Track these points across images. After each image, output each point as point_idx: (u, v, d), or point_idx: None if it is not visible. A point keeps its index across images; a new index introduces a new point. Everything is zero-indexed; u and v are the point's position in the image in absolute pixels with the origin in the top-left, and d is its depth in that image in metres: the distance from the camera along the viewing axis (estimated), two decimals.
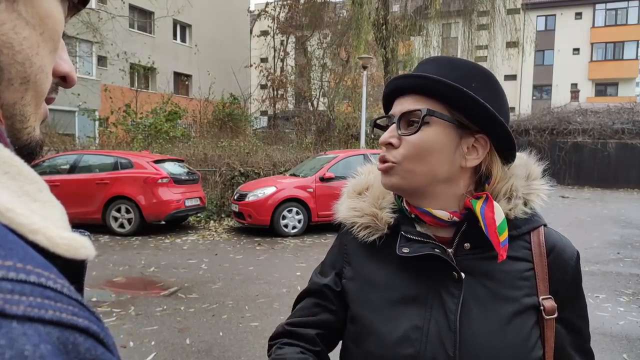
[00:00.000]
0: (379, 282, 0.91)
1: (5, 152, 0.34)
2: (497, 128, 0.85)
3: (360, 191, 1.00)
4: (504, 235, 0.84)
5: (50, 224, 0.32)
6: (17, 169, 0.34)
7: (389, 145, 0.88)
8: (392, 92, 0.92)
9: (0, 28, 0.37)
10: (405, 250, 0.87)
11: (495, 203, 0.86)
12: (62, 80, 0.48)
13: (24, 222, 0.31)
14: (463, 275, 0.85)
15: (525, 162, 0.95)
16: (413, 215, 0.91)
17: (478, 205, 0.85)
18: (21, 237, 0.30)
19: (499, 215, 0.84)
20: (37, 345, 0.25)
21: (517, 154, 0.94)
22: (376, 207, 0.95)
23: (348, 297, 0.94)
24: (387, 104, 0.95)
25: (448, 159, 0.86)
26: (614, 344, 4.09)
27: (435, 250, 0.86)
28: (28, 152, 0.42)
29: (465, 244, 0.88)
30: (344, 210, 0.99)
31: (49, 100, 0.46)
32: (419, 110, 0.85)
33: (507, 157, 0.90)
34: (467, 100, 0.83)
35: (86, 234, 0.38)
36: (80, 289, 0.36)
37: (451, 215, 0.88)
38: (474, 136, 0.86)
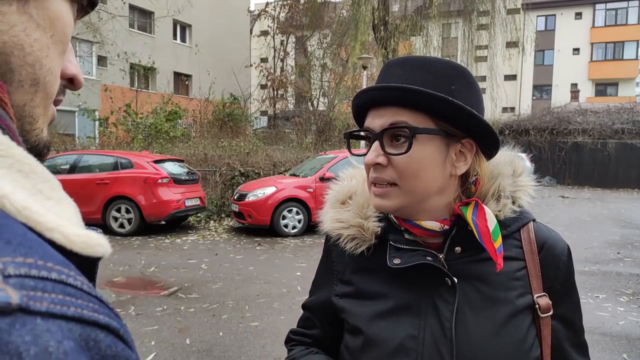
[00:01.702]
0: (371, 293, 0.90)
1: (19, 151, 0.34)
2: (483, 129, 0.83)
3: (343, 200, 0.97)
4: (498, 242, 0.82)
5: (65, 221, 0.33)
6: (31, 167, 0.34)
7: (377, 165, 0.83)
8: (366, 103, 0.86)
9: (12, 30, 0.37)
10: (397, 261, 0.85)
11: (486, 209, 0.84)
12: (70, 82, 0.48)
13: (40, 220, 0.31)
14: (456, 280, 0.84)
15: (511, 159, 0.94)
16: (402, 228, 0.89)
17: (469, 213, 0.84)
18: (38, 235, 0.31)
19: (492, 222, 0.83)
20: (61, 342, 0.25)
21: (502, 150, 0.92)
22: (361, 217, 0.92)
23: (343, 313, 0.93)
24: (360, 115, 0.90)
25: (440, 171, 0.83)
26: (614, 344, 4.09)
27: (427, 258, 0.84)
28: (36, 153, 0.43)
29: (456, 248, 0.87)
30: (329, 221, 0.96)
31: (56, 102, 0.46)
32: (405, 127, 0.80)
33: (491, 154, 0.88)
34: (452, 109, 0.80)
35: (99, 231, 0.38)
36: (93, 286, 0.36)
37: (442, 225, 0.86)
38: (460, 142, 0.84)
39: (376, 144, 0.83)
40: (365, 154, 0.86)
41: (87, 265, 0.34)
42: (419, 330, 0.84)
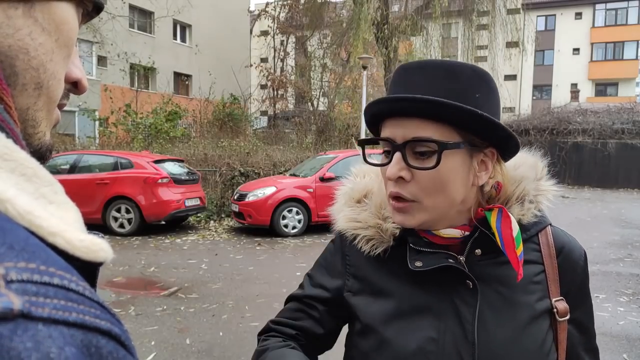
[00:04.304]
0: (389, 294, 0.88)
1: (22, 155, 0.34)
2: (509, 140, 0.82)
3: (359, 198, 0.94)
4: (520, 249, 0.81)
5: (68, 226, 0.33)
6: (33, 171, 0.34)
7: (399, 179, 0.80)
8: (387, 112, 0.83)
9: (17, 33, 0.37)
10: (418, 264, 0.83)
11: (511, 217, 0.83)
12: (74, 86, 0.48)
13: (43, 224, 0.31)
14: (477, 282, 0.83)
15: (533, 162, 0.93)
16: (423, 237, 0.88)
17: (493, 219, 0.82)
18: (40, 239, 0.31)
19: (515, 229, 0.82)
20: (62, 348, 0.25)
21: (524, 153, 0.91)
22: (379, 217, 0.90)
23: (355, 310, 0.90)
24: (374, 121, 0.87)
25: (464, 183, 0.81)
26: (614, 344, 4.09)
27: (449, 260, 0.83)
28: (38, 157, 0.43)
29: (477, 250, 0.85)
30: (344, 220, 0.94)
31: (60, 106, 0.46)
32: (432, 141, 0.77)
33: (510, 158, 0.87)
34: (481, 122, 0.77)
35: (100, 235, 0.38)
36: (94, 291, 0.36)
37: (463, 232, 0.85)
38: (482, 151, 0.82)
39: (398, 156, 0.80)
40: (383, 165, 0.83)
41: (88, 270, 0.34)
42: (439, 333, 0.82)
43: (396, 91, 0.82)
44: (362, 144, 0.90)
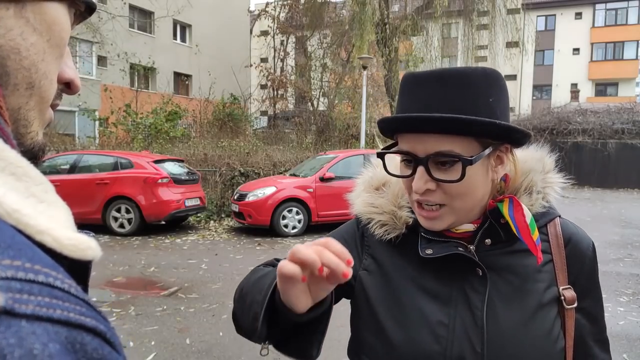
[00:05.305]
0: (400, 279, 0.90)
1: (12, 154, 0.34)
2: (522, 138, 0.86)
3: (377, 186, 0.99)
4: (536, 234, 0.84)
5: (56, 224, 0.33)
6: (24, 170, 0.34)
7: (427, 190, 0.83)
8: (407, 128, 0.84)
9: (9, 34, 0.38)
10: (429, 251, 0.87)
11: (522, 205, 0.86)
12: (67, 86, 0.48)
13: (31, 222, 0.31)
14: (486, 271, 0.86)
15: (540, 156, 0.96)
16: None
17: (505, 209, 0.86)
18: (28, 237, 0.31)
19: (528, 216, 0.85)
20: (46, 344, 0.25)
21: (531, 148, 0.95)
22: (395, 205, 0.94)
23: (368, 291, 0.92)
24: (391, 132, 0.89)
25: (485, 183, 0.86)
26: (614, 344, 4.07)
27: (459, 249, 0.86)
28: (31, 156, 0.43)
29: (486, 240, 0.88)
30: (361, 204, 0.98)
31: (53, 106, 0.46)
32: (455, 156, 0.80)
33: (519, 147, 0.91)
34: (499, 131, 0.81)
35: (91, 234, 0.38)
36: (85, 289, 0.36)
37: (475, 225, 0.89)
38: (498, 149, 0.86)
39: (421, 170, 0.82)
40: (406, 176, 0.86)
41: (78, 268, 0.34)
42: (449, 318, 0.85)
43: (408, 104, 0.83)
44: (382, 156, 0.91)
